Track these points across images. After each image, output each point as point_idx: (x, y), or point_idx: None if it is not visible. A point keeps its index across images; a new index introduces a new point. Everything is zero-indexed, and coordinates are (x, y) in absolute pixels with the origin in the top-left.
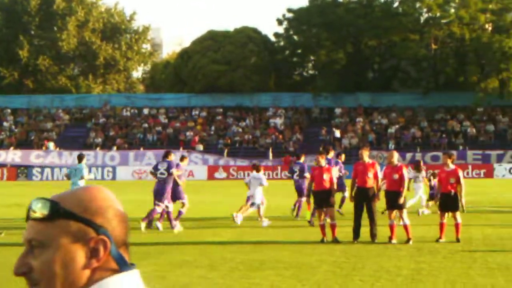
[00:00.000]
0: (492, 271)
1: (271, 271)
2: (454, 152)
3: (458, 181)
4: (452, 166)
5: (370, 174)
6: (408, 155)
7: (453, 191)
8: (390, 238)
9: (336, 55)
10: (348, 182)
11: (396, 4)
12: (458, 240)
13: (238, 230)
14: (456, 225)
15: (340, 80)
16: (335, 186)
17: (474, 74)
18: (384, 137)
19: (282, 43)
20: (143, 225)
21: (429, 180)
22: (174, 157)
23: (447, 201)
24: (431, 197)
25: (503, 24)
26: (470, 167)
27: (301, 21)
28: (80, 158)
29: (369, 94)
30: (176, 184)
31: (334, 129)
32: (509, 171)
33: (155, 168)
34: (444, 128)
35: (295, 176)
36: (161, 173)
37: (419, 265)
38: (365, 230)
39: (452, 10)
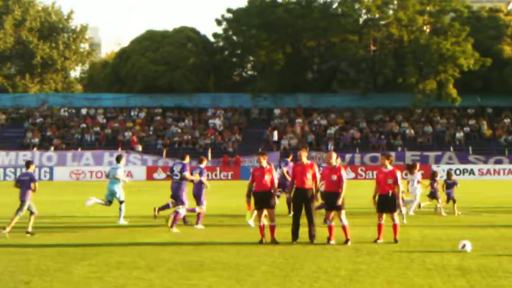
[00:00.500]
0: (429, 271)
1: (209, 272)
2: (393, 153)
3: (395, 182)
4: (390, 167)
5: (309, 175)
6: (348, 156)
7: (390, 192)
8: (329, 239)
9: (275, 56)
10: None
11: (335, 5)
12: (396, 241)
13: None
14: (394, 226)
15: (280, 80)
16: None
17: (413, 76)
18: (323, 138)
19: (221, 44)
20: (174, 229)
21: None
22: (189, 159)
23: (384, 202)
24: (432, 196)
25: (441, 26)
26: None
27: (240, 22)
28: (118, 158)
29: (309, 95)
30: (201, 187)
31: (272, 131)
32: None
33: (171, 169)
34: (383, 129)
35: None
36: (175, 175)
37: (357, 266)
38: (304, 231)
39: (391, 12)
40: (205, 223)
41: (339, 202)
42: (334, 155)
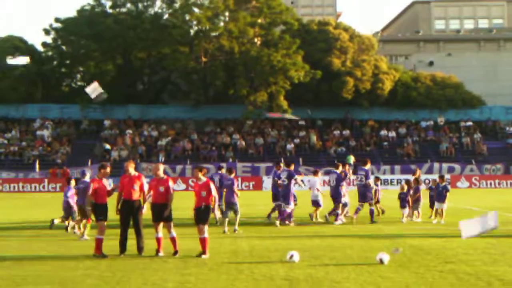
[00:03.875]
0: (257, 282)
1: (33, 286)
2: (224, 164)
3: (209, 194)
4: (203, 179)
5: (136, 187)
6: (178, 168)
7: (204, 204)
8: (158, 251)
9: (105, 67)
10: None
11: (165, 16)
12: (204, 253)
13: None
14: (202, 239)
15: (110, 92)
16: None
17: (244, 87)
18: (154, 149)
19: (50, 53)
20: None
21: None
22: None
23: (198, 214)
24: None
25: (272, 38)
26: (240, 179)
27: (70, 32)
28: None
29: (139, 106)
30: None
31: (103, 142)
32: None
33: None
34: (214, 140)
35: (359, 181)
36: None
37: (184, 278)
38: (132, 243)
39: (222, 24)
40: (32, 235)
41: (167, 213)
42: (161, 167)
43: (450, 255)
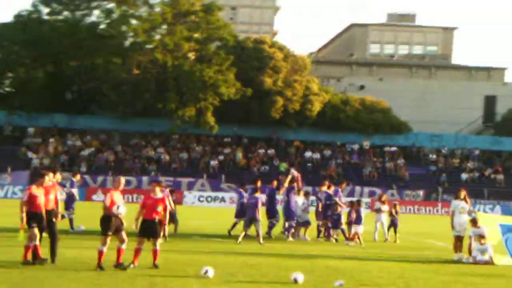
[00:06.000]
0: None
1: None
2: (145, 178)
3: (165, 209)
4: (160, 194)
5: (51, 196)
6: (100, 178)
7: (157, 218)
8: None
9: (35, 73)
10: None
11: (102, 26)
12: (156, 266)
13: None
14: (154, 251)
15: (37, 99)
16: None
17: (173, 102)
18: (77, 159)
19: None
20: None
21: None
22: None
23: (149, 227)
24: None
25: (206, 53)
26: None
27: (3, 37)
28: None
29: (66, 115)
30: None
31: (26, 149)
32: (198, 199)
33: None
34: (139, 153)
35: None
36: None
37: None
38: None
39: (158, 36)
40: None
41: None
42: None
43: (364, 278)
